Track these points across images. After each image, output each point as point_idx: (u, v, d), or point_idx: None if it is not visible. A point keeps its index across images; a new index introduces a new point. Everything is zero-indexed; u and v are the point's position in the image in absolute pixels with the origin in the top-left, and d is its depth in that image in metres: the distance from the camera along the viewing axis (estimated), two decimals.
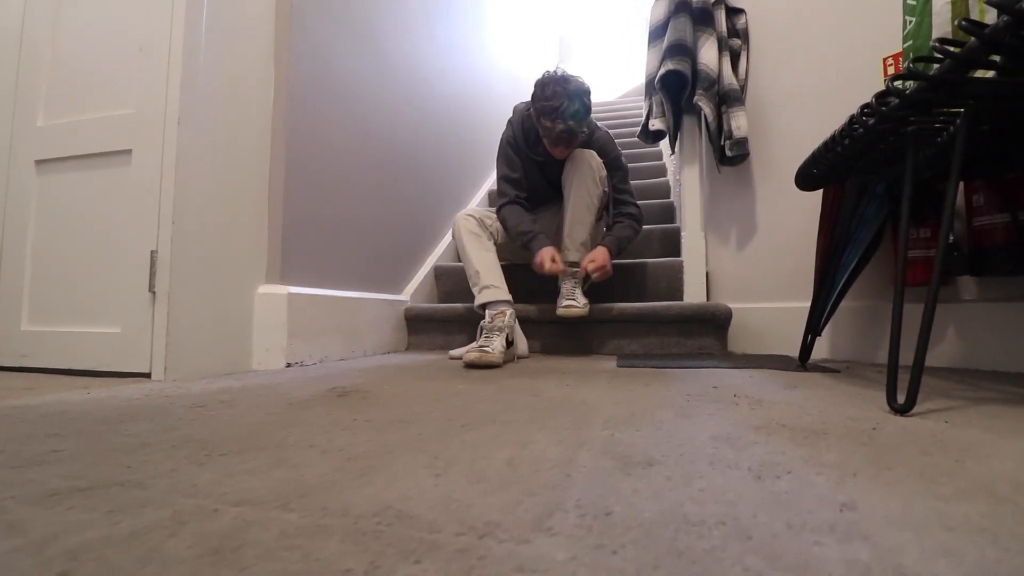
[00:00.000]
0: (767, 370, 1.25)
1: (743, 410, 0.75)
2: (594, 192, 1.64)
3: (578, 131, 1.55)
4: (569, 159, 1.66)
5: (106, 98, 1.16)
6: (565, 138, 1.55)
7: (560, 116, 1.50)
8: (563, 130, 1.52)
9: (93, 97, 1.18)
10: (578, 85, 1.53)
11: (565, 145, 1.59)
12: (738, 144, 1.75)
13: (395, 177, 1.90)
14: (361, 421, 0.66)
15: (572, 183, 1.64)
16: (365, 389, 0.93)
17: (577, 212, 1.63)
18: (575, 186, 1.63)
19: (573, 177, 1.64)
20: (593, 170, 1.63)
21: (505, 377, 1.11)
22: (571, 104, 1.50)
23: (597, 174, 1.64)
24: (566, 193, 1.66)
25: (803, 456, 0.52)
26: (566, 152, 1.64)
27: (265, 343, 1.26)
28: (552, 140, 1.57)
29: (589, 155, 1.64)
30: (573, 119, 1.51)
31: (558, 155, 1.65)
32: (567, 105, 1.50)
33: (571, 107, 1.50)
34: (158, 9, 1.11)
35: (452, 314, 1.85)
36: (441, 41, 2.33)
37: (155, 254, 1.06)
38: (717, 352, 1.66)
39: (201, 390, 0.92)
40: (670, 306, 1.67)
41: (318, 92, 1.45)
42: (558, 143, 1.58)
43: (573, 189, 1.64)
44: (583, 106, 1.53)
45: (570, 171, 1.65)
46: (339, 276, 1.54)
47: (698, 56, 1.83)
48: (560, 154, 1.64)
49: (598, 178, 1.64)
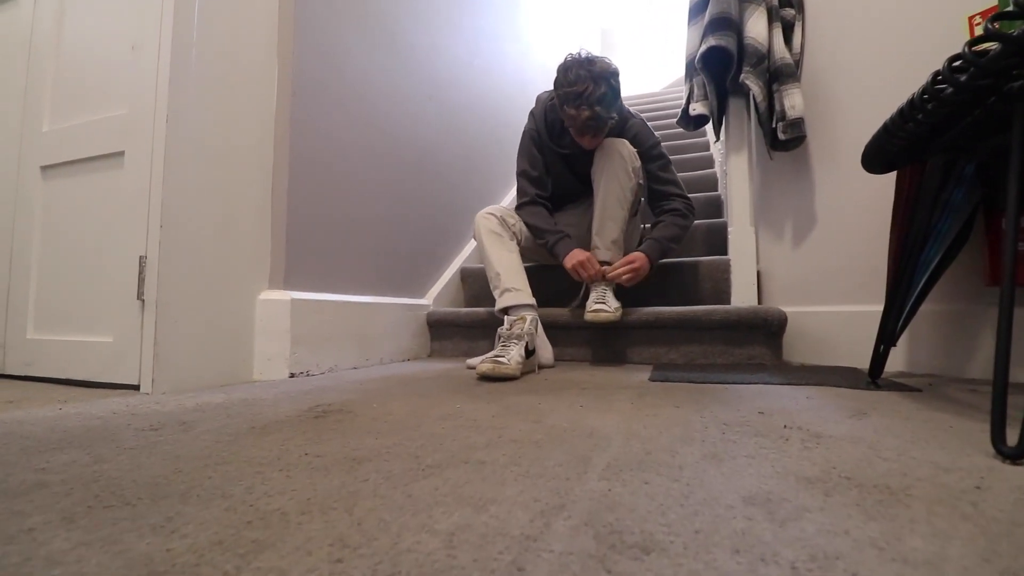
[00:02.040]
0: (829, 388, 1.06)
1: (794, 449, 0.59)
2: (626, 185, 1.48)
3: (606, 118, 1.38)
4: (598, 149, 1.51)
5: (102, 99, 1.12)
6: (592, 126, 1.39)
7: (585, 102, 1.35)
8: (589, 117, 1.36)
9: (91, 99, 1.14)
10: (604, 67, 1.37)
11: (592, 134, 1.44)
12: (793, 126, 1.55)
13: (415, 176, 1.80)
14: (311, 457, 0.55)
15: (602, 176, 1.49)
16: (349, 408, 0.83)
17: (608, 207, 1.48)
18: (605, 179, 1.48)
19: (603, 169, 1.49)
20: (624, 160, 1.48)
21: (514, 393, 0.98)
22: (597, 88, 1.34)
23: (629, 165, 1.48)
24: (596, 187, 1.51)
25: (876, 538, 0.36)
26: (594, 142, 1.49)
27: (267, 352, 1.19)
28: (578, 129, 1.42)
29: (620, 144, 1.49)
30: (600, 104, 1.35)
31: (586, 145, 1.50)
32: (592, 89, 1.34)
33: (597, 91, 1.34)
34: (150, 4, 1.06)
35: (476, 319, 1.74)
36: (467, 31, 2.23)
37: (144, 260, 1.00)
38: (769, 363, 1.46)
39: (175, 407, 0.84)
40: (714, 310, 1.48)
41: (326, 88, 1.37)
42: (584, 132, 1.42)
43: (603, 182, 1.49)
44: (610, 89, 1.37)
45: (599, 162, 1.50)
46: (350, 280, 1.46)
47: (744, 30, 1.63)
48: (588, 144, 1.49)
49: (630, 169, 1.49)
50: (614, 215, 1.48)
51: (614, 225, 1.48)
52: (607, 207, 1.48)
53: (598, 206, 1.50)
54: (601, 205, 1.49)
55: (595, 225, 1.50)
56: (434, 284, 1.92)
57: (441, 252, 1.99)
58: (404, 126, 1.74)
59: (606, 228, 1.48)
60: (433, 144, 1.92)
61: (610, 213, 1.48)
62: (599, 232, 1.49)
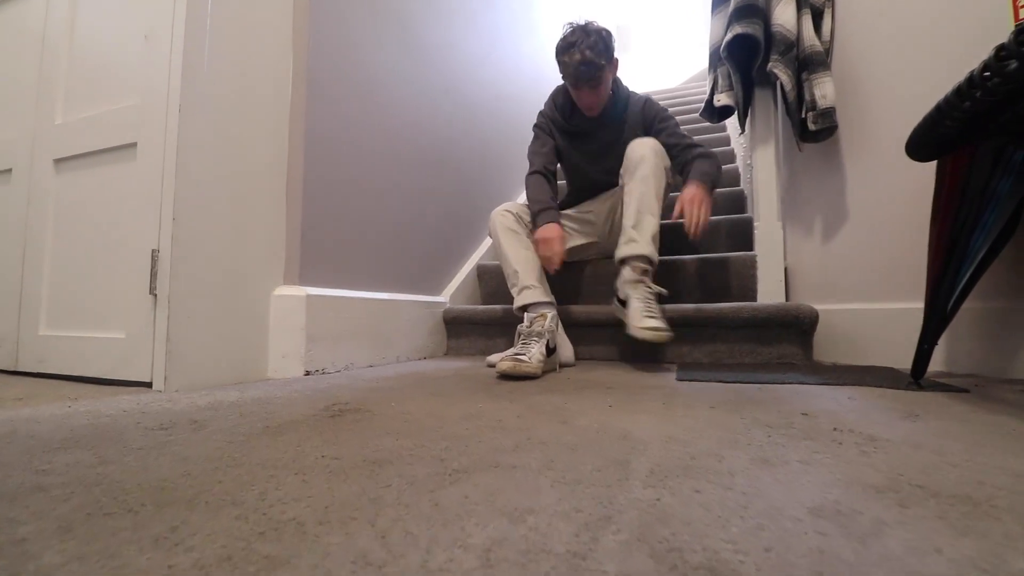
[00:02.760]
0: (870, 388, 1.00)
1: (850, 454, 0.54)
2: (662, 180, 1.43)
3: (598, 63, 1.39)
4: (630, 146, 1.47)
5: (115, 90, 1.10)
6: (585, 73, 1.40)
7: (576, 47, 1.39)
8: (580, 61, 1.38)
9: (104, 90, 1.12)
10: (597, 26, 1.43)
11: (589, 85, 1.43)
12: (823, 116, 1.48)
13: (432, 171, 1.77)
14: (329, 459, 0.52)
15: (637, 169, 1.42)
16: (367, 407, 0.79)
17: (646, 199, 1.39)
18: (640, 172, 1.41)
19: (637, 164, 1.42)
20: (658, 156, 1.42)
21: (536, 392, 0.93)
22: (587, 36, 1.40)
23: (662, 162, 1.43)
24: (629, 181, 1.44)
25: (975, 557, 0.31)
26: (594, 100, 1.47)
27: (281, 349, 1.16)
28: (573, 78, 1.43)
29: (651, 140, 1.44)
30: (590, 49, 1.39)
31: (586, 105, 1.49)
32: (582, 37, 1.40)
33: (587, 39, 1.40)
34: None
35: (493, 317, 1.70)
36: (483, 26, 2.19)
37: (156, 253, 0.97)
38: (800, 362, 1.40)
39: (188, 405, 0.81)
40: (742, 307, 1.43)
41: (341, 80, 1.34)
42: (580, 81, 1.42)
43: (638, 174, 1.41)
44: (601, 40, 1.41)
45: (633, 156, 1.44)
46: (367, 277, 1.42)
47: (772, 17, 1.57)
48: (588, 102, 1.47)
49: (664, 167, 1.44)
50: (652, 208, 1.40)
51: (653, 220, 1.39)
52: (645, 199, 1.39)
53: (634, 197, 1.40)
54: (639, 197, 1.39)
55: (630, 218, 1.40)
56: (450, 281, 1.89)
57: (457, 249, 1.95)
58: (420, 120, 1.70)
59: (645, 223, 1.38)
60: (449, 139, 1.89)
61: (648, 205, 1.39)
62: (636, 225, 1.38)
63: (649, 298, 1.30)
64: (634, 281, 1.33)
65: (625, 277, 1.36)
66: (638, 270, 1.35)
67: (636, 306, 1.27)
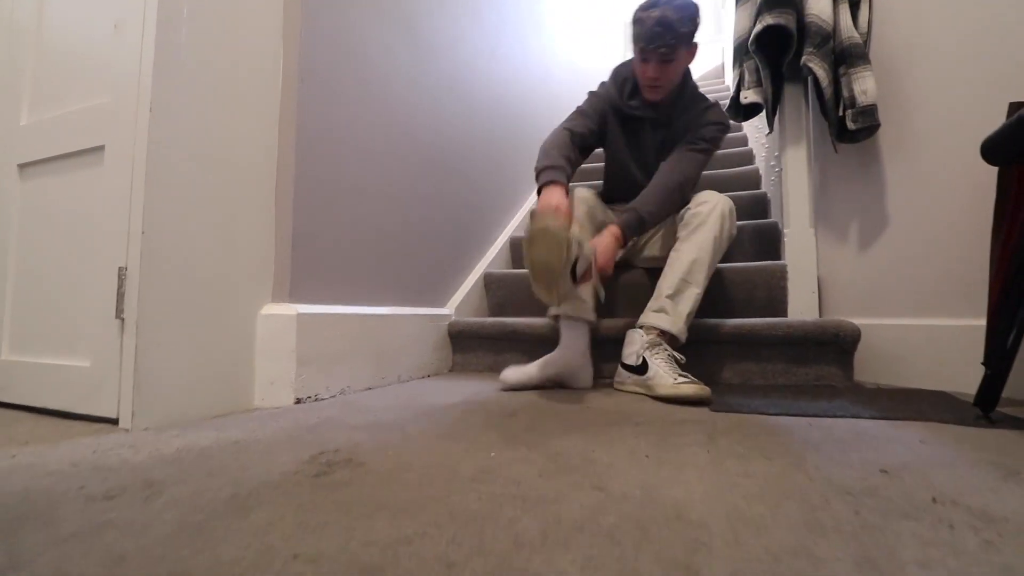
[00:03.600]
0: (935, 424, 0.88)
1: (971, 545, 0.42)
2: (721, 249, 1.27)
3: (677, 29, 1.19)
4: (700, 195, 1.30)
5: (85, 87, 0.98)
6: (659, 35, 1.19)
7: (658, 5, 1.19)
8: (659, 19, 1.17)
9: (74, 87, 1.00)
10: (692, 2, 1.23)
11: (659, 55, 1.22)
12: (864, 114, 1.36)
13: (435, 174, 1.65)
14: (303, 563, 0.40)
15: (701, 227, 1.24)
16: (359, 457, 0.67)
17: (697, 269, 1.22)
18: (703, 233, 1.23)
19: (705, 216, 1.24)
20: (728, 220, 1.26)
21: (558, 431, 0.81)
22: (673, 1, 1.20)
23: (730, 227, 1.27)
24: (686, 234, 1.26)
25: None
26: (659, 74, 1.26)
27: (269, 375, 1.04)
28: (646, 39, 1.21)
29: (725, 200, 1.28)
30: (675, 11, 1.18)
31: (650, 78, 1.27)
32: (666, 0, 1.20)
33: (674, 2, 1.19)
34: None
35: (502, 331, 1.58)
36: (489, 22, 2.07)
37: (124, 272, 0.86)
38: (841, 384, 1.27)
39: (150, 455, 0.69)
40: (776, 324, 1.30)
41: (336, 75, 1.22)
42: (651, 43, 1.20)
43: (700, 236, 1.23)
44: (688, 10, 1.21)
45: (701, 209, 1.26)
46: (365, 290, 1.30)
47: (806, 6, 1.45)
48: (652, 76, 1.26)
49: (729, 234, 1.28)
50: (699, 280, 1.22)
51: (696, 295, 1.21)
52: (695, 269, 1.21)
53: (682, 264, 1.22)
54: (688, 265, 1.22)
55: (670, 284, 1.22)
56: (456, 292, 1.77)
57: (464, 257, 1.83)
58: (424, 120, 1.58)
59: (686, 297, 1.21)
60: (455, 139, 1.77)
61: (696, 277, 1.21)
62: (676, 296, 1.21)
63: (672, 360, 1.15)
64: (653, 343, 1.18)
65: (639, 342, 1.19)
66: (655, 332, 1.20)
67: (662, 367, 1.12)
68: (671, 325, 1.20)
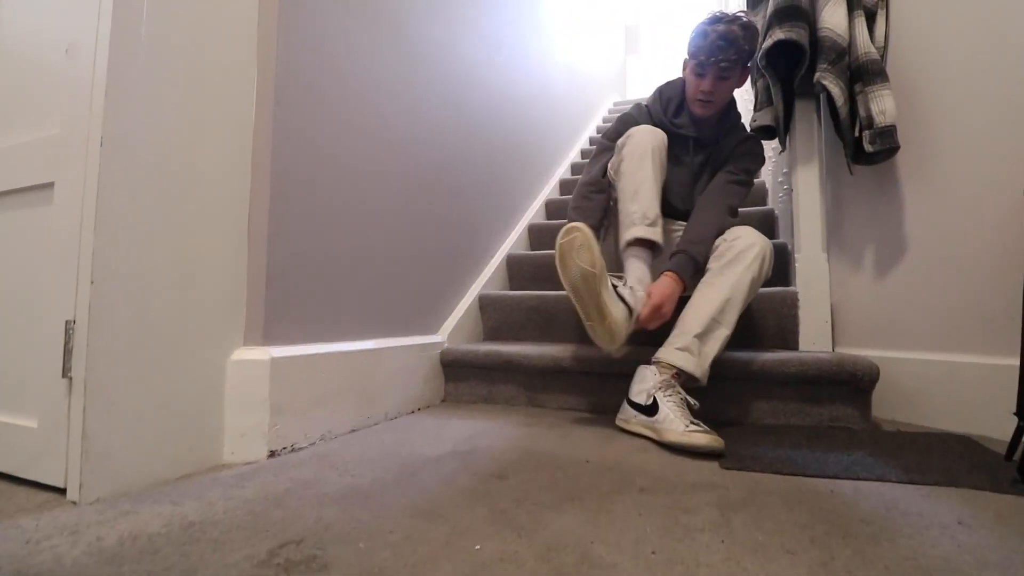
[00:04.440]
0: (968, 491, 0.79)
1: None
2: (756, 289, 1.20)
3: (741, 47, 1.19)
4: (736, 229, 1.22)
5: (34, 116, 0.90)
6: (722, 49, 1.18)
7: (725, 21, 1.19)
8: (724, 33, 1.17)
9: (26, 116, 0.92)
10: (755, 24, 1.24)
11: (718, 69, 1.21)
12: (883, 135, 1.27)
13: (429, 193, 1.57)
14: None
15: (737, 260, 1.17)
16: (325, 556, 0.59)
17: (730, 308, 1.14)
18: (737, 268, 1.16)
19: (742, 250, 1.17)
20: (766, 259, 1.19)
21: (551, 506, 0.72)
22: (739, 19, 1.20)
23: (767, 268, 1.21)
24: (720, 268, 1.18)
25: None
26: (714, 89, 1.24)
27: (240, 427, 0.96)
28: (708, 52, 1.20)
29: (763, 239, 1.20)
30: (743, 29, 1.18)
31: (705, 91, 1.25)
32: (736, 18, 1.20)
33: (740, 20, 1.19)
34: None
35: (496, 361, 1.49)
36: (485, 29, 1.98)
37: (71, 325, 0.77)
38: (858, 426, 1.19)
39: (88, 547, 0.61)
40: (787, 361, 1.22)
41: (319, 92, 1.14)
42: (713, 56, 1.19)
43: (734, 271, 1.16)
44: (752, 33, 1.22)
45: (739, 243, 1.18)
46: (348, 324, 1.22)
47: (819, 19, 1.37)
48: (707, 89, 1.25)
49: (766, 275, 1.21)
50: (730, 321, 1.15)
51: (725, 336, 1.15)
52: (729, 308, 1.14)
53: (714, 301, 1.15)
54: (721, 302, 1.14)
55: (697, 322, 1.14)
56: (449, 317, 1.68)
57: (457, 279, 1.75)
58: (414, 134, 1.50)
59: (714, 337, 1.14)
60: (448, 154, 1.68)
61: (727, 316, 1.14)
62: (704, 336, 1.13)
63: (684, 403, 1.08)
64: (666, 384, 1.10)
65: (651, 380, 1.11)
66: (670, 371, 1.12)
67: (673, 410, 1.04)
68: (695, 368, 1.12)
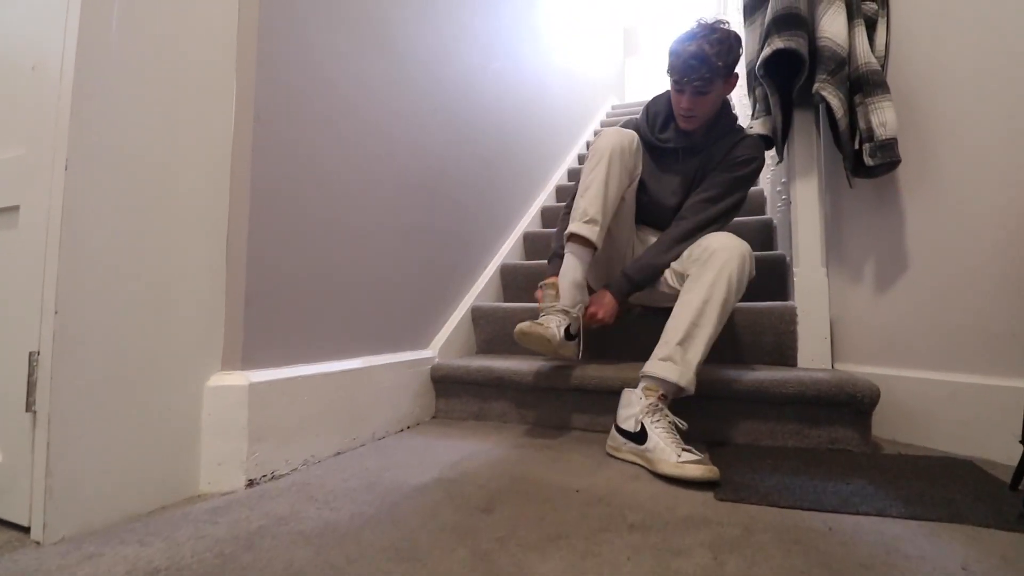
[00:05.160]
0: (972, 528, 0.76)
1: None
2: (740, 290, 1.17)
3: (712, 62, 1.17)
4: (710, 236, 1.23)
5: (4, 136, 0.86)
6: (694, 68, 1.18)
7: (696, 38, 1.19)
8: (694, 53, 1.17)
9: None
10: (728, 28, 1.22)
11: (694, 87, 1.21)
12: (883, 148, 1.24)
13: (419, 204, 1.53)
14: None
15: (710, 260, 1.15)
16: None
17: (709, 310, 1.12)
18: (710, 271, 1.14)
19: (716, 250, 1.16)
20: (747, 260, 1.17)
21: (533, 546, 0.69)
22: (712, 33, 1.19)
23: (749, 268, 1.18)
24: (698, 271, 1.17)
25: None
26: (693, 105, 1.24)
27: (217, 456, 0.92)
28: (680, 72, 1.21)
29: (740, 243, 1.18)
30: (711, 44, 1.17)
31: (685, 108, 1.26)
32: (707, 32, 1.19)
33: (712, 35, 1.18)
34: (55, 7, 0.79)
35: (488, 377, 1.46)
36: (479, 35, 1.95)
37: (35, 357, 0.74)
38: (857, 448, 1.16)
39: None
40: (785, 381, 1.18)
41: (304, 104, 1.10)
42: (686, 75, 1.20)
43: (709, 275, 1.14)
44: (727, 43, 1.19)
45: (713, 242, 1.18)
46: (335, 342, 1.19)
47: (818, 28, 1.33)
48: (687, 107, 1.25)
49: (749, 274, 1.18)
50: (713, 322, 1.11)
51: (709, 337, 1.11)
52: (708, 311, 1.11)
53: (693, 305, 1.13)
54: (699, 306, 1.12)
55: (678, 329, 1.12)
56: (440, 330, 1.65)
57: (449, 291, 1.72)
58: (407, 144, 1.46)
59: (697, 341, 1.10)
60: (440, 164, 1.65)
61: (709, 318, 1.11)
62: (686, 342, 1.10)
63: (673, 427, 1.05)
64: (652, 408, 1.06)
65: (638, 405, 1.08)
66: (655, 394, 1.09)
67: (663, 438, 1.01)
68: (679, 376, 1.09)
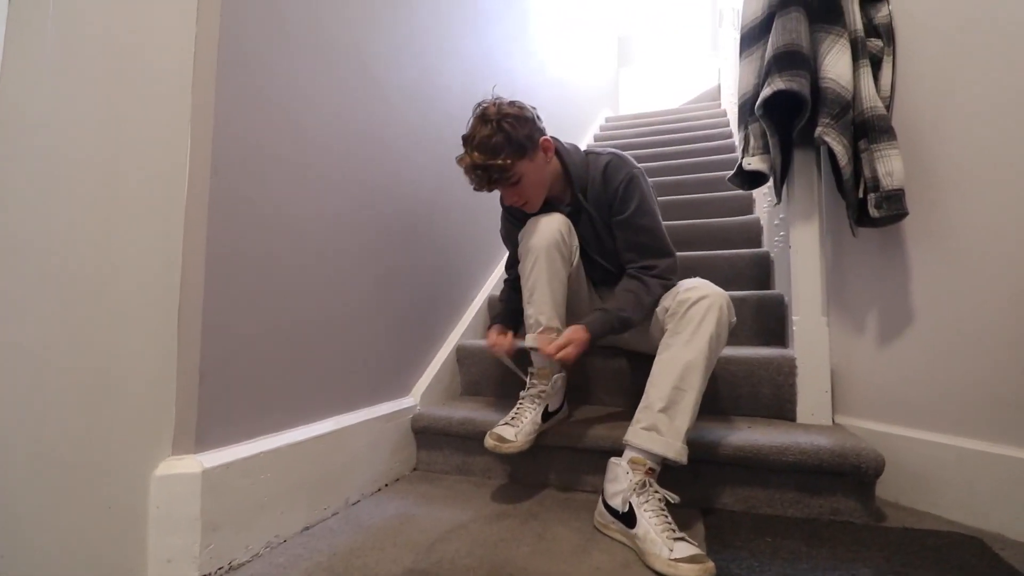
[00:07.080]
0: None
1: None
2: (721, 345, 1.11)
3: (495, 163, 1.11)
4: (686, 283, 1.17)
5: None
6: (483, 178, 1.14)
7: (466, 149, 1.14)
8: (468, 166, 1.14)
9: None
10: (499, 108, 1.13)
11: (497, 187, 1.19)
12: (889, 200, 1.17)
13: (401, 245, 1.45)
14: None
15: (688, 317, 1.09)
16: None
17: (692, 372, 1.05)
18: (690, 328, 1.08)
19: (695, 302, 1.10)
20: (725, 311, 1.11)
21: None
22: (483, 128, 1.12)
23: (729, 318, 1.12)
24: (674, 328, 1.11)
25: None
26: (517, 197, 1.21)
27: (166, 552, 0.83)
28: (474, 186, 1.19)
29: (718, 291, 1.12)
30: (479, 150, 1.11)
31: (514, 203, 1.25)
32: (477, 130, 1.13)
33: (479, 134, 1.12)
34: None
35: (471, 431, 1.37)
36: (469, 56, 1.86)
37: None
38: (860, 520, 1.09)
39: None
40: (786, 449, 1.11)
41: (268, 148, 1.01)
42: (480, 188, 1.18)
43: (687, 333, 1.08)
44: (501, 132, 1.10)
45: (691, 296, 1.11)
46: (301, 406, 1.10)
47: (821, 67, 1.26)
48: (513, 202, 1.24)
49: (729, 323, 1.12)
50: (696, 384, 1.05)
51: (694, 401, 1.04)
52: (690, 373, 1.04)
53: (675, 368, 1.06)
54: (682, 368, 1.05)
55: (660, 395, 1.04)
56: (423, 375, 1.56)
57: (431, 332, 1.63)
58: (388, 182, 1.38)
59: (682, 406, 1.03)
60: (427, 198, 1.56)
61: (691, 381, 1.04)
62: (669, 409, 1.03)
63: (664, 508, 0.96)
64: (640, 485, 0.98)
65: (624, 480, 1.00)
66: (642, 469, 1.01)
67: (654, 525, 0.92)
68: (665, 449, 1.01)
